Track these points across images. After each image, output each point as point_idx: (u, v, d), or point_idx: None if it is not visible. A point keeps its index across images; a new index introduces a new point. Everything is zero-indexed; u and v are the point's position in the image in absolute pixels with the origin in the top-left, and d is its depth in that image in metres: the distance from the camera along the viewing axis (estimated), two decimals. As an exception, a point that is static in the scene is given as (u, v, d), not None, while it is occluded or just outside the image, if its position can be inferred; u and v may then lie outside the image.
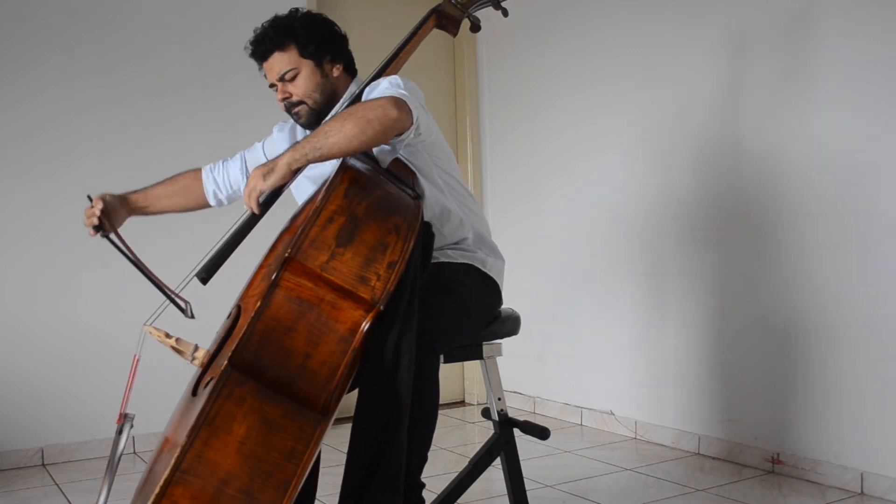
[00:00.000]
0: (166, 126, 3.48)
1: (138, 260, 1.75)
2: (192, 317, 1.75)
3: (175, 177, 2.23)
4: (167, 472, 1.36)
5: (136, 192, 2.14)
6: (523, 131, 3.98)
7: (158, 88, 3.46)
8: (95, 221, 1.93)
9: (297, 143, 1.76)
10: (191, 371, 1.83)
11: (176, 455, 1.37)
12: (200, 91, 3.54)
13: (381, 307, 1.60)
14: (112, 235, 1.94)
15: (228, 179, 2.24)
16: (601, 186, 3.57)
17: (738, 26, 2.99)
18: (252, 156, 2.25)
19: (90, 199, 1.97)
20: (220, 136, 3.53)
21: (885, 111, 2.56)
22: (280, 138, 2.22)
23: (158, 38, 3.47)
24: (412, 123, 1.80)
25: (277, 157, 1.75)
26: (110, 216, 1.98)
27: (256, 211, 1.76)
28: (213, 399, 1.41)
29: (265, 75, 2.08)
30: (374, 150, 1.87)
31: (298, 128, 2.16)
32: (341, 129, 1.72)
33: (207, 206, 2.27)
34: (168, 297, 1.75)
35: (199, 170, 2.26)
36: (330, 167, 2.02)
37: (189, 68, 3.52)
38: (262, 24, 2.05)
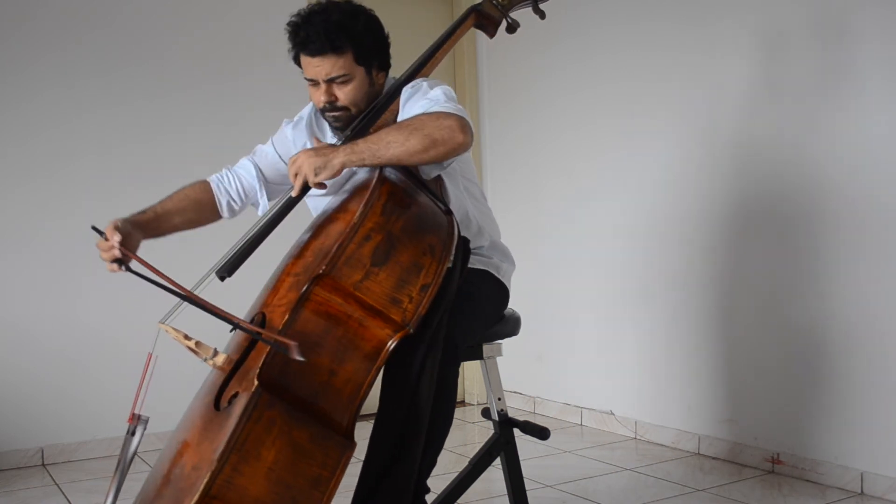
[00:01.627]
0: (166, 126, 3.48)
1: (183, 289, 1.52)
2: (276, 343, 1.49)
3: (181, 191, 2.04)
4: (196, 497, 1.35)
5: (142, 212, 1.91)
6: (523, 131, 3.98)
7: (159, 88, 3.46)
8: (117, 254, 1.67)
9: (355, 142, 1.72)
10: (197, 371, 1.82)
11: (206, 479, 1.36)
12: (201, 91, 3.53)
13: (411, 330, 1.57)
14: (133, 264, 1.67)
15: (242, 189, 2.09)
16: (601, 186, 3.57)
17: (739, 26, 2.99)
18: (264, 161, 2.11)
19: (98, 231, 1.70)
20: (220, 136, 3.53)
21: None
22: (296, 136, 2.09)
23: (158, 38, 3.47)
24: (470, 146, 1.76)
25: (330, 152, 1.71)
26: (125, 244, 1.72)
27: (296, 194, 1.76)
28: (243, 422, 1.39)
29: (295, 59, 1.92)
30: (423, 169, 1.83)
31: (326, 128, 2.06)
32: (405, 143, 1.68)
33: (218, 219, 2.11)
34: (235, 325, 1.57)
35: (205, 182, 2.09)
36: (347, 172, 2.00)
37: (189, 68, 3.52)
38: (313, 9, 1.86)
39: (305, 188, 1.77)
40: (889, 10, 2.56)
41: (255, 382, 1.43)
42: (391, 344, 1.56)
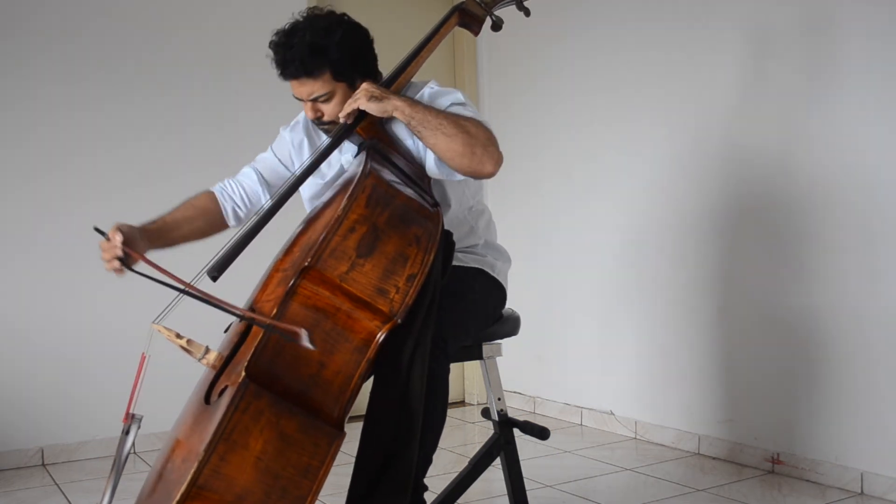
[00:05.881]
0: (167, 125, 3.47)
1: (187, 284, 1.51)
2: (284, 332, 1.51)
3: (189, 201, 2.08)
4: (183, 487, 1.35)
5: (151, 222, 1.94)
6: (523, 132, 3.98)
7: (159, 87, 3.46)
8: (120, 253, 1.68)
9: (416, 103, 1.81)
10: (193, 371, 1.82)
11: (193, 470, 1.36)
12: (201, 90, 3.53)
13: (399, 321, 1.58)
14: (139, 265, 1.67)
15: (246, 195, 2.12)
16: (601, 187, 3.57)
17: (746, 26, 2.99)
18: (263, 165, 2.14)
19: (101, 232, 1.69)
20: (220, 135, 3.53)
21: None
22: (294, 136, 2.13)
23: (159, 36, 3.47)
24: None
25: (392, 94, 1.80)
26: (130, 247, 1.73)
27: (342, 120, 1.85)
28: (230, 412, 1.40)
29: (282, 76, 1.95)
30: (431, 167, 1.88)
31: (322, 134, 2.09)
32: (451, 138, 1.75)
33: (225, 228, 2.13)
34: (241, 317, 1.57)
35: (209, 192, 2.13)
36: (338, 170, 2.02)
37: (189, 67, 3.51)
38: (291, 29, 1.89)
39: (355, 117, 1.86)
40: (874, 8, 2.57)
41: (243, 374, 1.44)
42: (381, 336, 1.58)
